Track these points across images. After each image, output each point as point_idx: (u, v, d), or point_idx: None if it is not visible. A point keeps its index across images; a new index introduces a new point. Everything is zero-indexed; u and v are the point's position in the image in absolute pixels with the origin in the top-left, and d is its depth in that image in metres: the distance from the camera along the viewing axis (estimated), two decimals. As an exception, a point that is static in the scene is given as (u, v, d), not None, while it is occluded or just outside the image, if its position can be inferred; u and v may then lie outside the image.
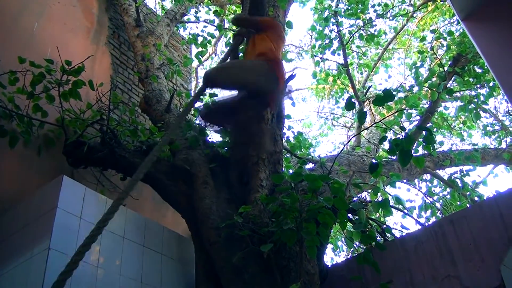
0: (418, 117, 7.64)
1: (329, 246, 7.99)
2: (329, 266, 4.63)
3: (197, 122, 5.51)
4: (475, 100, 7.77)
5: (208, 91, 4.71)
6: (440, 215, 7.20)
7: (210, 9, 9.21)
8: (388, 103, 5.01)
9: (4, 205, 4.13)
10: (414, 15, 9.96)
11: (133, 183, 2.26)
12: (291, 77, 5.17)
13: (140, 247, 3.96)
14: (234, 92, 4.22)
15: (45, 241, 3.33)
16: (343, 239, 8.00)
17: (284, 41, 4.43)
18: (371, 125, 7.15)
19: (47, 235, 3.37)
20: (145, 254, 3.97)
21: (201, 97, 5.69)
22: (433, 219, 7.09)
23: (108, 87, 5.50)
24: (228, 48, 4.71)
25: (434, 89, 6.92)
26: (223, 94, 4.16)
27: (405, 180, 7.27)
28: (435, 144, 4.00)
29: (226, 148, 4.81)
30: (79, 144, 4.57)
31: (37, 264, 3.27)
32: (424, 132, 4.07)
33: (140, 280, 3.79)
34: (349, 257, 6.81)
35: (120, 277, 3.61)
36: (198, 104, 5.51)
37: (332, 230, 4.92)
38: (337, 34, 8.53)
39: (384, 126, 5.48)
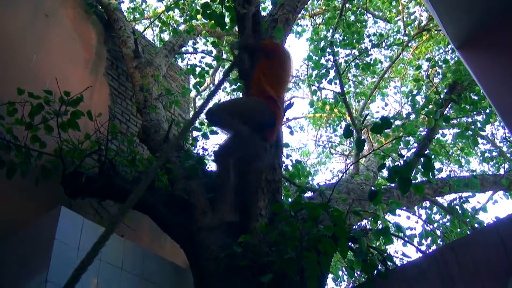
0: (416, 145, 7.66)
1: (330, 275, 7.88)
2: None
3: (195, 151, 5.52)
4: (472, 127, 7.80)
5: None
6: (441, 243, 7.13)
7: (207, 40, 9.34)
8: (386, 130, 5.03)
9: (1, 236, 4.09)
10: (409, 44, 10.10)
11: (131, 202, 2.24)
12: (289, 106, 5.20)
13: (138, 279, 3.91)
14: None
15: (43, 273, 3.29)
16: (343, 268, 7.92)
17: (291, 64, 4.25)
18: (370, 153, 7.16)
19: (45, 267, 3.32)
20: (143, 286, 3.91)
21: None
22: (434, 247, 7.02)
23: (107, 117, 5.51)
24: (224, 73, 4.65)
25: (431, 117, 6.95)
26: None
27: (404, 208, 7.23)
28: (434, 171, 3.99)
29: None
30: (77, 175, 4.55)
31: (34, 297, 3.22)
32: (422, 159, 4.07)
33: (138, 313, 3.73)
34: (350, 287, 6.72)
35: (118, 310, 3.55)
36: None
37: (332, 259, 4.86)
38: (333, 64, 8.62)
39: (382, 153, 5.49)
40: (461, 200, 7.72)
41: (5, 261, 3.83)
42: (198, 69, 7.50)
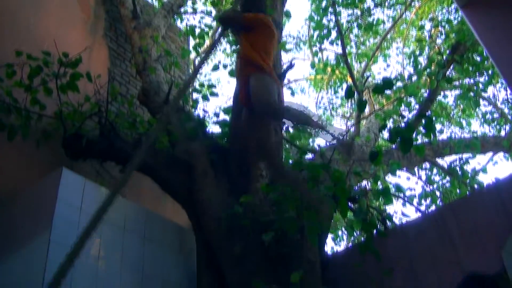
0: (417, 106, 7.63)
1: (330, 235, 7.99)
2: (330, 255, 4.64)
3: (196, 113, 5.50)
4: (474, 88, 7.75)
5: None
6: (441, 203, 7.20)
7: (207, 0, 9.17)
8: (387, 92, 4.99)
9: (4, 198, 4.12)
10: (412, 4, 9.91)
11: (133, 166, 2.24)
12: (290, 67, 5.14)
13: (140, 239, 3.96)
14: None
15: (46, 233, 3.33)
16: (343, 228, 8.02)
17: (276, 37, 4.10)
18: (370, 114, 7.14)
19: (47, 227, 3.36)
20: (146, 246, 3.96)
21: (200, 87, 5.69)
22: (433, 208, 7.08)
23: (106, 79, 5.47)
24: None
25: (433, 78, 6.90)
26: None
27: (404, 169, 7.27)
28: (435, 132, 3.98)
29: (225, 139, 4.79)
30: (78, 137, 4.55)
31: (38, 256, 3.27)
32: (423, 120, 4.06)
33: (141, 271, 3.79)
34: (349, 246, 6.81)
35: (121, 269, 3.61)
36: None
37: (332, 219, 4.91)
38: (335, 24, 8.48)
39: (383, 115, 5.47)
40: (461, 162, 7.75)
41: (9, 222, 3.87)
42: (197, 30, 7.39)
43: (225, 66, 6.47)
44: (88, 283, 3.41)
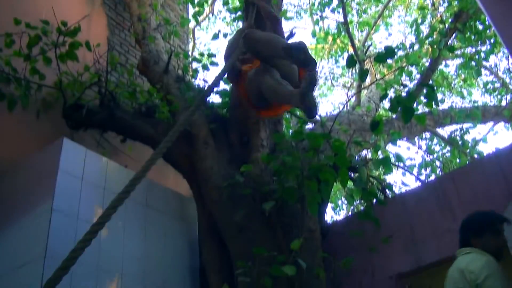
0: (418, 76, 7.58)
1: (330, 205, 8.06)
2: (329, 223, 4.69)
3: (196, 83, 5.47)
4: (476, 57, 7.68)
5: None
6: (440, 173, 7.23)
7: (206, -32, 8.99)
8: (389, 61, 4.97)
9: (5, 168, 4.14)
10: (415, -29, 9.74)
11: (157, 156, 2.24)
12: (290, 35, 5.09)
13: (143, 207, 4.00)
14: None
15: (48, 202, 3.36)
16: (343, 198, 8.08)
17: None
18: (372, 84, 7.09)
19: (49, 196, 3.38)
20: (148, 214, 4.00)
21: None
22: (433, 177, 7.12)
23: (105, 49, 5.42)
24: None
25: (435, 46, 6.82)
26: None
27: (405, 138, 7.27)
28: (436, 101, 3.96)
29: (226, 109, 4.78)
30: (78, 107, 4.54)
31: (40, 225, 3.30)
32: (425, 89, 4.04)
33: (144, 239, 3.84)
34: (349, 215, 6.88)
35: (124, 237, 3.65)
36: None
37: (332, 189, 4.94)
38: (337, -9, 8.34)
39: (384, 84, 5.44)
40: (462, 131, 7.75)
41: (11, 191, 3.90)
42: (197, -2, 7.27)
43: (225, 35, 6.39)
44: (92, 251, 3.45)
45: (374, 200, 4.02)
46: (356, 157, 4.76)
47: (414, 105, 3.68)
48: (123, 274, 3.54)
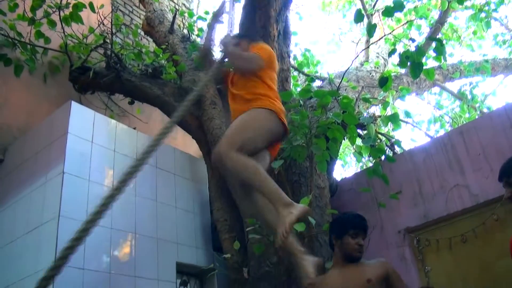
0: (427, 29, 7.43)
1: (338, 162, 8.08)
2: (338, 180, 4.72)
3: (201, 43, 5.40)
4: (486, 8, 7.49)
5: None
6: (449, 128, 7.19)
7: None
8: (397, 14, 4.86)
9: (15, 133, 4.18)
10: None
11: (172, 123, 2.23)
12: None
13: (153, 168, 4.03)
14: None
15: (59, 166, 3.40)
16: (351, 155, 8.09)
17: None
18: (380, 39, 6.96)
19: (60, 160, 3.42)
20: (158, 175, 4.04)
21: None
22: (442, 132, 7.09)
23: (109, 10, 5.36)
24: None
25: (445, -2, 6.66)
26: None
27: (414, 94, 7.21)
28: (445, 55, 3.90)
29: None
30: (84, 70, 4.53)
31: (53, 188, 3.36)
32: (434, 43, 3.97)
33: (155, 199, 3.90)
34: (358, 171, 6.92)
35: (136, 197, 3.70)
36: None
37: (341, 146, 4.95)
38: None
39: (393, 39, 5.35)
40: (471, 85, 7.65)
41: (21, 156, 3.95)
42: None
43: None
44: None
45: (383, 157, 4.03)
46: (365, 114, 4.74)
47: (423, 60, 3.63)
48: (137, 234, 3.61)
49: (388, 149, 4.43)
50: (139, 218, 3.70)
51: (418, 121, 7.00)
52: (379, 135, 4.39)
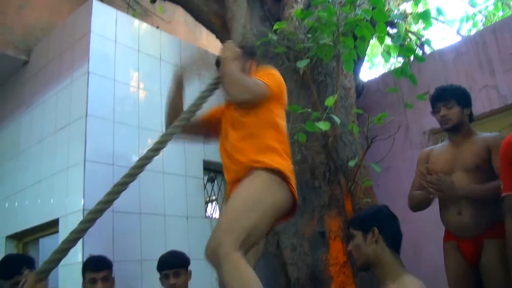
0: None
1: (365, 64, 7.91)
2: (365, 81, 4.65)
3: None
4: None
5: None
6: (482, 27, 6.89)
7: None
8: None
9: (38, 34, 4.16)
10: None
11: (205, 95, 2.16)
12: None
13: (177, 68, 4.02)
14: None
15: (84, 66, 3.41)
16: (379, 56, 7.89)
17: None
18: None
19: (84, 59, 3.43)
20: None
21: None
22: (474, 32, 6.81)
23: None
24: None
25: None
26: None
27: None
28: None
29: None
30: (104, -34, 4.38)
31: (78, 88, 3.40)
32: None
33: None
34: (386, 72, 6.79)
35: (161, 97, 3.73)
36: None
37: (369, 46, 4.81)
38: None
39: None
40: (508, -19, 7.20)
41: (45, 58, 3.96)
42: None
43: None
44: (131, 111, 3.58)
45: (412, 57, 3.91)
46: (395, 11, 4.53)
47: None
48: (166, 215, 3.62)
49: (417, 48, 4.28)
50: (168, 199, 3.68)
51: (450, 19, 6.70)
52: (409, 34, 4.23)
